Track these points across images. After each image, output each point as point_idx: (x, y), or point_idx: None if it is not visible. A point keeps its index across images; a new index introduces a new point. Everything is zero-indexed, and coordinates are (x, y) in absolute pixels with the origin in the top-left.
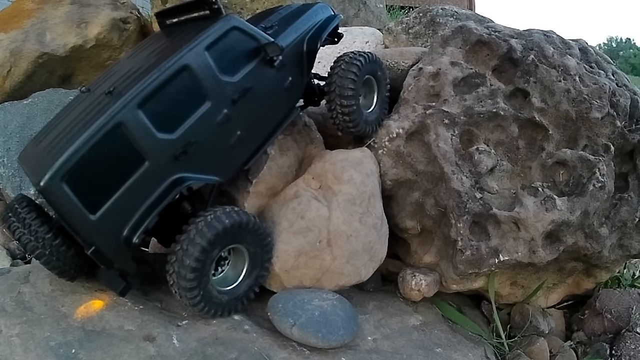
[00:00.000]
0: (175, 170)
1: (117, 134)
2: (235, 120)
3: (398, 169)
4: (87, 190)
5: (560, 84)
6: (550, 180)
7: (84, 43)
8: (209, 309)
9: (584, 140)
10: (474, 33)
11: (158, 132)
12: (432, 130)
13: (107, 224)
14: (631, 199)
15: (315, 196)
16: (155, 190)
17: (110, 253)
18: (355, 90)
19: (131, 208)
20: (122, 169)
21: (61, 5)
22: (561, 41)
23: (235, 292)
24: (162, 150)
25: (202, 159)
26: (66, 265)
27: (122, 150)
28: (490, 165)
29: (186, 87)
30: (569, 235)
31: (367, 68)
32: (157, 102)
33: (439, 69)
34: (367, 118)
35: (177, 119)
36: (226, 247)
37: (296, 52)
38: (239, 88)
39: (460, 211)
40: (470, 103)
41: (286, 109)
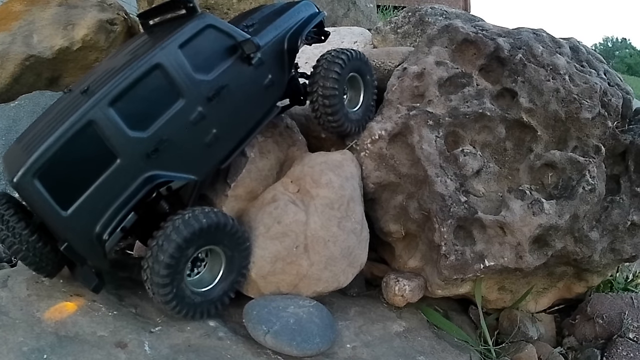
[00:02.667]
0: (148, 168)
1: (88, 131)
2: (211, 119)
3: (381, 172)
4: (59, 187)
5: (549, 84)
6: (539, 182)
7: (70, 45)
8: (180, 308)
9: (574, 142)
10: (460, 32)
11: (130, 130)
12: (415, 131)
13: (79, 221)
14: (623, 201)
15: (293, 200)
16: (127, 187)
17: (82, 249)
18: (338, 89)
19: (103, 205)
20: (93, 166)
21: (48, 7)
22: (551, 40)
23: (210, 295)
24: (134, 148)
25: (176, 157)
26: (43, 261)
27: (94, 148)
28: (476, 168)
29: (159, 85)
30: (558, 240)
31: (351, 65)
32: (128, 101)
33: (424, 69)
34: (352, 117)
35: (149, 117)
36: (202, 247)
37: (276, 50)
38: (214, 86)
39: (444, 215)
40: (456, 103)
41: (266, 107)
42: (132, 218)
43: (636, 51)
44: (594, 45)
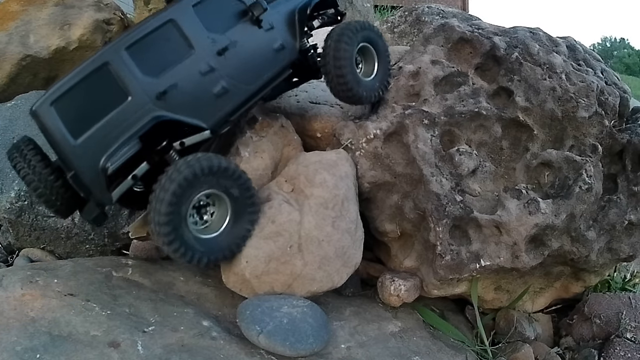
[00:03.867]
0: (156, 109)
1: (103, 70)
2: (219, 72)
3: (376, 171)
4: (72, 117)
5: (546, 82)
6: (535, 182)
7: (67, 45)
8: (183, 251)
9: (571, 141)
10: (456, 31)
11: (142, 73)
12: (411, 131)
13: (87, 150)
14: (620, 201)
15: (287, 200)
16: (135, 124)
17: (88, 179)
18: (349, 58)
19: (111, 138)
20: (106, 102)
21: (45, 7)
22: (548, 38)
23: (215, 243)
24: (144, 89)
25: (184, 102)
26: (57, 199)
27: (108, 86)
28: (471, 167)
29: (171, 37)
30: (554, 239)
31: (361, 35)
32: (142, 48)
33: (419, 68)
34: (367, 85)
35: (161, 65)
36: (206, 190)
37: (287, 18)
38: (224, 42)
39: (440, 215)
40: (452, 102)
41: (276, 69)
42: (144, 167)
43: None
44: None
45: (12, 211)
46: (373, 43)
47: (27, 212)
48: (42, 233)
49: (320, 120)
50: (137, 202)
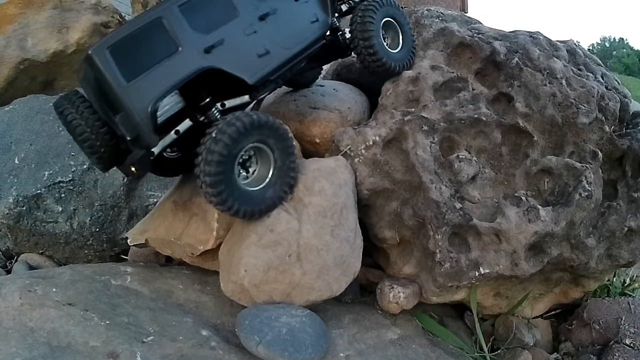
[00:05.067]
0: (204, 61)
1: (157, 23)
2: (261, 34)
3: (375, 178)
4: (125, 61)
5: (546, 88)
6: (535, 188)
7: (65, 48)
8: (237, 208)
9: (571, 147)
10: (456, 35)
11: (192, 29)
12: (410, 137)
13: (138, 93)
14: (620, 207)
15: (286, 208)
16: (183, 73)
17: (137, 119)
18: (375, 31)
19: (160, 84)
20: (158, 51)
21: (43, 10)
22: (548, 43)
23: (263, 194)
24: (194, 43)
25: (230, 56)
26: (104, 149)
27: (160, 37)
28: (471, 174)
29: (219, 0)
30: (554, 247)
31: (384, 11)
32: (193, 8)
33: (419, 73)
34: (395, 56)
35: (210, 23)
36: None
37: None
38: (265, 9)
39: (439, 222)
40: (451, 108)
41: (310, 39)
42: (187, 124)
43: (633, 51)
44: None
45: (11, 216)
46: (395, 17)
47: (26, 217)
48: (41, 238)
49: (319, 126)
50: (169, 169)
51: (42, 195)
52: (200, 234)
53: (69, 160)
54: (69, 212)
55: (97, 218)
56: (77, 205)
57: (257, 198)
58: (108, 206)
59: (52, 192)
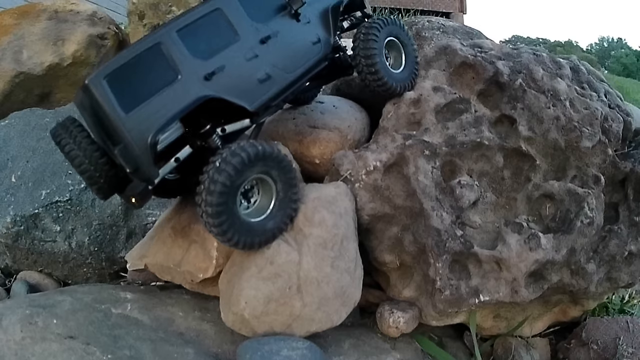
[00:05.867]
0: (204, 89)
1: (155, 50)
2: (262, 59)
3: (375, 203)
4: (123, 91)
5: (549, 111)
6: (536, 213)
7: (60, 61)
8: (237, 239)
9: (573, 171)
10: (458, 54)
11: (192, 55)
12: (411, 162)
13: (137, 124)
14: (621, 231)
15: (285, 239)
16: (184, 101)
17: (136, 152)
18: (378, 50)
19: (160, 114)
20: (157, 79)
21: (38, 21)
22: (551, 61)
23: (264, 225)
24: (194, 70)
25: (230, 83)
26: (101, 177)
27: (159, 65)
28: (472, 199)
29: (219, 24)
30: (554, 273)
31: (388, 30)
32: (192, 32)
33: (421, 95)
34: (397, 77)
35: (209, 48)
36: (252, 176)
37: (322, 16)
38: (266, 32)
39: (440, 250)
40: (453, 132)
41: (313, 61)
42: (187, 151)
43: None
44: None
45: (9, 236)
46: (399, 37)
47: (24, 236)
48: (40, 257)
49: (319, 146)
50: (167, 191)
51: (40, 214)
52: (199, 261)
53: (66, 179)
54: (67, 231)
55: (95, 237)
56: (75, 225)
57: (258, 230)
58: (106, 225)
59: (49, 212)
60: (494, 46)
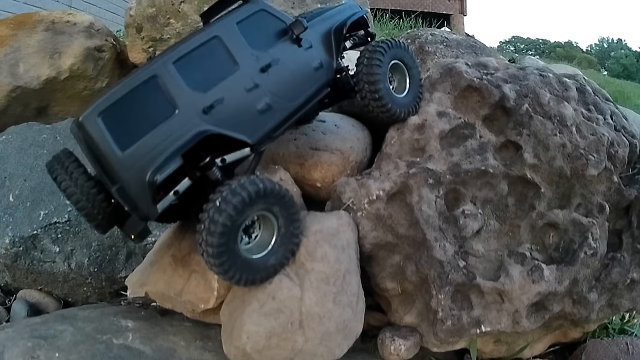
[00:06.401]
0: (203, 123)
1: (151, 83)
2: (263, 88)
3: (378, 232)
4: (119, 128)
5: (556, 139)
6: (540, 242)
7: (57, 75)
8: (239, 277)
9: (578, 199)
10: (464, 77)
11: (189, 87)
12: (415, 191)
13: (134, 162)
14: (624, 259)
15: (287, 273)
16: (182, 137)
17: (134, 192)
18: (382, 75)
19: (158, 151)
20: (153, 114)
21: (35, 33)
22: (558, 82)
23: (265, 261)
24: (192, 104)
25: (229, 116)
26: (99, 213)
27: (155, 99)
28: (476, 228)
29: (217, 53)
30: (556, 304)
31: (392, 53)
32: (189, 63)
33: (425, 121)
34: (400, 102)
35: (207, 79)
36: (254, 213)
37: (324, 39)
38: (267, 59)
39: (442, 282)
40: (458, 159)
41: (315, 87)
42: (186, 183)
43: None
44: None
45: (8, 256)
46: (403, 60)
47: (23, 257)
48: (39, 276)
49: (321, 170)
50: (166, 217)
51: (39, 236)
52: (200, 292)
53: (64, 200)
54: (66, 252)
55: (95, 258)
56: (74, 246)
57: (260, 266)
58: (106, 246)
59: (48, 233)
60: (500, 65)
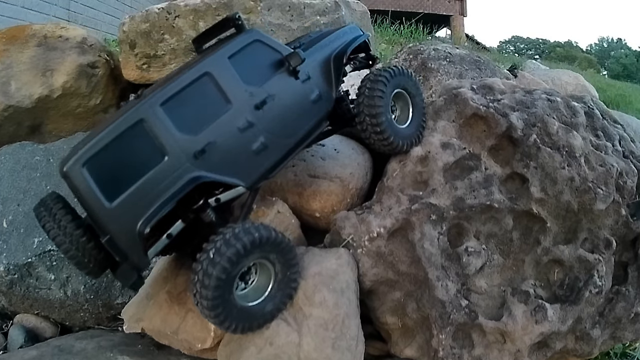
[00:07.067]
0: (195, 169)
1: (138, 128)
2: (258, 127)
3: (378, 269)
4: (106, 178)
5: (564, 172)
6: (544, 278)
7: (50, 93)
8: (232, 325)
9: (584, 233)
10: (469, 105)
11: (179, 130)
12: (417, 228)
13: (123, 214)
14: (629, 293)
15: (285, 317)
16: (173, 186)
17: (124, 243)
18: (384, 107)
19: (148, 201)
20: (141, 162)
21: (27, 48)
22: (566, 106)
23: (260, 309)
24: (182, 148)
25: (223, 160)
26: (90, 261)
27: (143, 145)
28: (479, 266)
29: (208, 91)
30: (558, 342)
31: (395, 82)
32: (178, 104)
33: (428, 152)
34: (402, 133)
35: (198, 121)
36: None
37: (323, 67)
38: (262, 95)
39: (444, 322)
40: (462, 193)
41: (314, 121)
42: (179, 226)
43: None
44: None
45: (3, 283)
46: (407, 89)
47: (18, 284)
48: (35, 302)
49: (320, 200)
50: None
51: (33, 263)
52: (197, 331)
53: None
54: (61, 279)
55: (91, 285)
56: (69, 273)
57: (257, 313)
58: None
59: (43, 261)
60: (506, 87)
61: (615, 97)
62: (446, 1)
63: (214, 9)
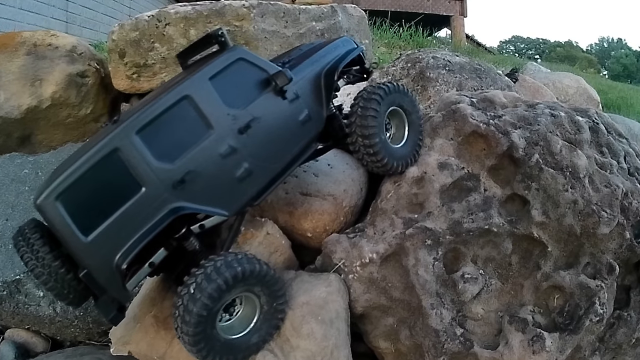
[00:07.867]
0: (174, 199)
1: (113, 158)
2: (242, 152)
3: (371, 294)
4: (81, 212)
5: (567, 195)
6: (544, 304)
7: (39, 103)
8: (213, 358)
9: (587, 258)
10: (469, 122)
11: (156, 159)
12: (411, 254)
13: (100, 248)
14: (630, 318)
15: (271, 348)
16: (152, 218)
17: (102, 278)
18: (378, 127)
19: (125, 234)
20: (118, 193)
21: (16, 57)
22: (570, 121)
23: (244, 342)
24: (160, 178)
25: (204, 190)
26: (69, 292)
27: (119, 175)
28: (476, 292)
29: (187, 116)
30: None
31: (390, 99)
32: (156, 130)
33: (425, 173)
34: (397, 153)
35: (177, 148)
36: (235, 295)
37: (313, 85)
38: (245, 119)
39: (437, 352)
40: (459, 216)
41: (303, 143)
42: (162, 254)
43: (632, 51)
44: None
45: None
46: (402, 106)
47: (7, 301)
48: (26, 317)
49: (311, 220)
50: None
51: (22, 280)
52: (184, 357)
53: None
54: (50, 296)
55: None
56: None
57: (241, 346)
58: None
59: (31, 277)
60: (508, 100)
61: (616, 99)
62: (446, 1)
63: (205, 16)
